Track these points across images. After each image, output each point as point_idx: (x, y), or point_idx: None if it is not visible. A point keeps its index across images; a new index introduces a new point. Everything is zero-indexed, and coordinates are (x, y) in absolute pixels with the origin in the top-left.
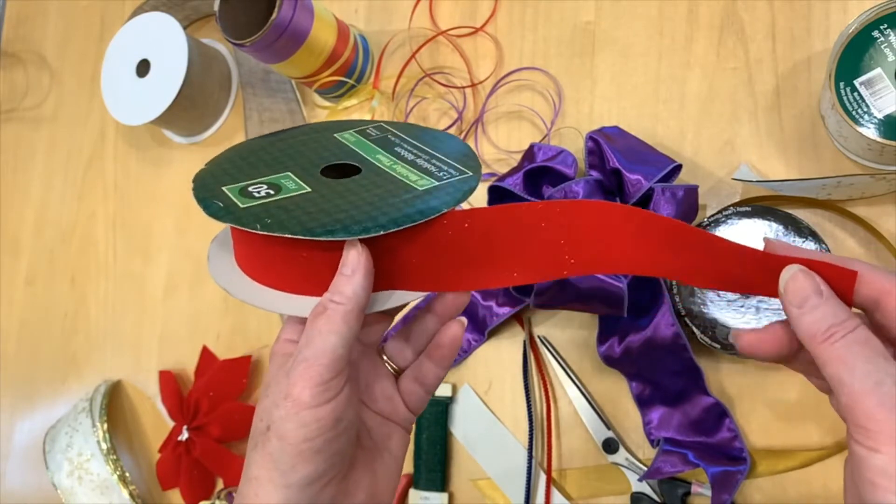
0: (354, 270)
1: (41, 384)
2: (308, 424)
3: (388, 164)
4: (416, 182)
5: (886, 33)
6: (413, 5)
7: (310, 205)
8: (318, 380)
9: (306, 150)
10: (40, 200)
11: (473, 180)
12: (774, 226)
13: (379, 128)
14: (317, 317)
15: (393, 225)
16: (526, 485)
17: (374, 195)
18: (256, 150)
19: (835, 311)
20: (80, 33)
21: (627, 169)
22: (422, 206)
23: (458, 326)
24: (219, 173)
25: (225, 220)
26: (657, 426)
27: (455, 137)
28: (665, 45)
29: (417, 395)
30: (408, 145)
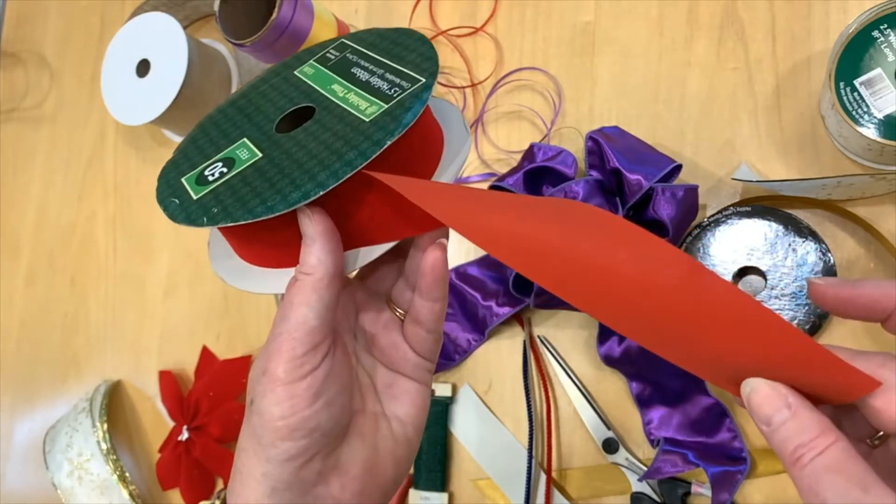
0: (313, 238)
1: (41, 384)
2: (283, 402)
3: (341, 95)
4: (365, 112)
5: (886, 33)
6: (413, 5)
7: (257, 177)
8: (292, 354)
9: (264, 102)
10: (40, 200)
11: (425, 90)
12: (774, 226)
13: (339, 46)
14: (289, 289)
15: (333, 180)
16: (526, 485)
17: (321, 143)
18: (217, 120)
19: (802, 427)
20: (80, 33)
21: (627, 169)
22: (365, 144)
23: (437, 249)
24: (181, 160)
25: (179, 221)
26: (657, 426)
27: (413, 32)
28: (665, 45)
29: (420, 335)
30: (364, 61)
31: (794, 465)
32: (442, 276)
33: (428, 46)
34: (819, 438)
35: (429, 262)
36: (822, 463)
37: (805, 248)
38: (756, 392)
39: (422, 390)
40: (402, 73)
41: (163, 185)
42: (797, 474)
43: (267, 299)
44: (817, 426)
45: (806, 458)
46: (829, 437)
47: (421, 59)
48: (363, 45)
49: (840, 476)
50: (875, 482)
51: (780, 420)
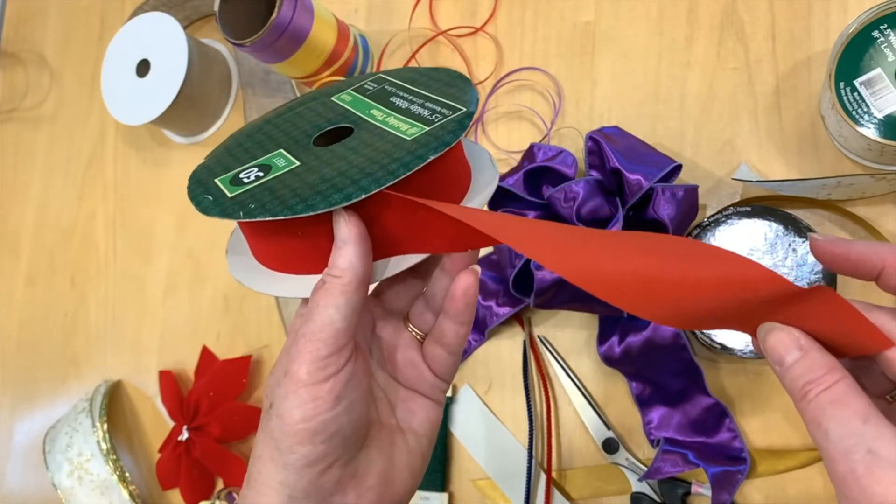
0: (345, 241)
1: (41, 384)
2: (304, 403)
3: (381, 119)
4: (406, 132)
5: (886, 33)
6: (413, 5)
7: (296, 180)
8: (316, 355)
9: (301, 121)
10: (40, 200)
11: (466, 117)
12: (774, 226)
13: (377, 80)
14: (316, 291)
15: (375, 185)
16: (526, 485)
17: (363, 156)
18: (252, 134)
19: (812, 365)
20: (80, 33)
21: (627, 169)
22: (408, 157)
23: (470, 275)
24: (213, 166)
25: (212, 214)
26: (657, 426)
27: (452, 71)
28: (665, 45)
29: (441, 357)
30: (404, 92)
31: (802, 399)
32: (473, 302)
33: (467, 82)
34: (826, 375)
35: (461, 287)
36: (827, 397)
37: (805, 248)
38: (770, 334)
39: (436, 407)
40: (442, 104)
41: (194, 183)
42: (804, 407)
43: (268, 300)
44: (825, 365)
45: (812, 393)
46: (836, 375)
47: (460, 93)
48: (401, 79)
49: (842, 408)
50: (875, 415)
51: (792, 360)
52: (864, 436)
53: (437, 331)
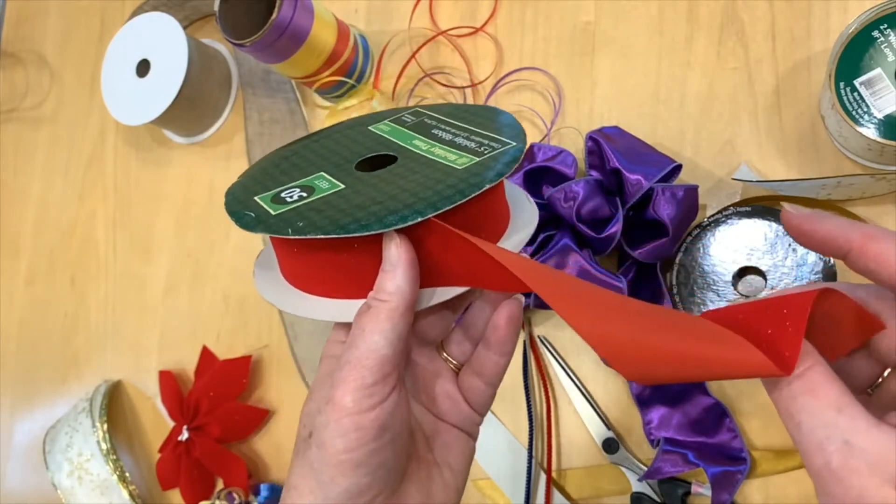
0: (395, 265)
1: (41, 384)
2: (348, 433)
3: (425, 149)
4: (455, 162)
5: (886, 33)
6: (413, 5)
7: (343, 202)
8: (361, 383)
9: (340, 147)
10: (40, 200)
11: (517, 150)
12: (774, 226)
13: (415, 113)
14: (360, 316)
15: (431, 209)
16: (526, 485)
17: (412, 182)
18: (289, 156)
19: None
20: (80, 33)
21: (627, 169)
22: (461, 185)
23: (515, 305)
24: (251, 184)
25: (257, 230)
26: (657, 426)
27: (495, 108)
28: (665, 45)
29: (478, 389)
30: (445, 125)
31: (774, 388)
32: (516, 331)
33: (511, 118)
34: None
35: (504, 317)
36: (799, 387)
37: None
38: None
39: (471, 442)
40: (488, 137)
41: (232, 199)
42: (776, 398)
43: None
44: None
45: (783, 382)
46: (807, 361)
47: (506, 129)
48: (440, 113)
49: (815, 398)
50: (849, 403)
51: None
52: (838, 426)
53: (475, 361)
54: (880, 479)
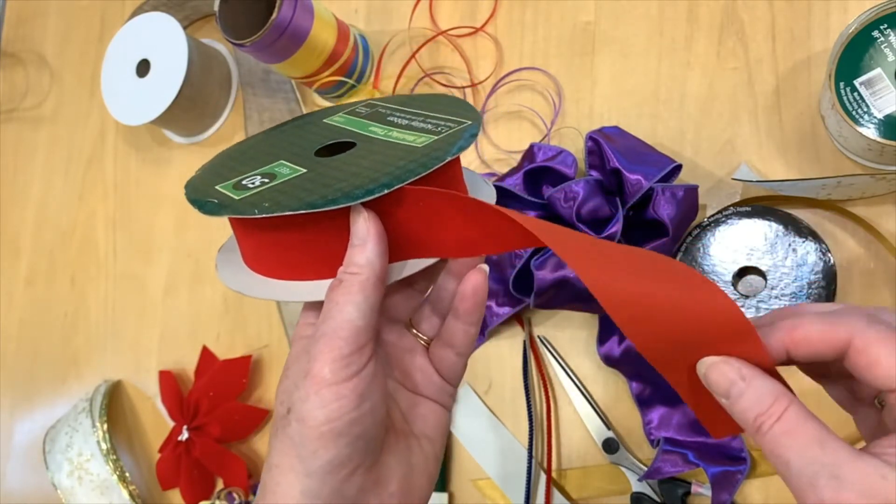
0: (364, 239)
1: (41, 384)
2: (329, 403)
3: (382, 133)
4: (414, 142)
5: (886, 33)
6: (413, 5)
7: (307, 183)
8: (338, 353)
9: (297, 139)
10: (40, 200)
11: (474, 127)
12: (774, 226)
13: (368, 105)
14: (332, 290)
15: (396, 181)
16: (526, 485)
17: (374, 161)
18: (246, 150)
19: (759, 395)
20: (80, 33)
21: (627, 169)
22: (423, 159)
23: (479, 274)
24: (210, 176)
25: (222, 213)
26: (657, 426)
27: (447, 95)
28: (665, 45)
29: (449, 360)
30: (400, 113)
31: (757, 433)
32: (483, 300)
33: (465, 102)
34: (774, 406)
35: (470, 286)
36: (780, 428)
37: (805, 248)
38: (711, 369)
39: (445, 412)
40: (444, 119)
41: (192, 191)
42: (760, 441)
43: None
44: (771, 393)
45: (766, 427)
46: (783, 403)
47: (461, 110)
48: (393, 103)
49: (797, 437)
50: (829, 437)
51: (738, 392)
52: (823, 461)
53: (445, 333)
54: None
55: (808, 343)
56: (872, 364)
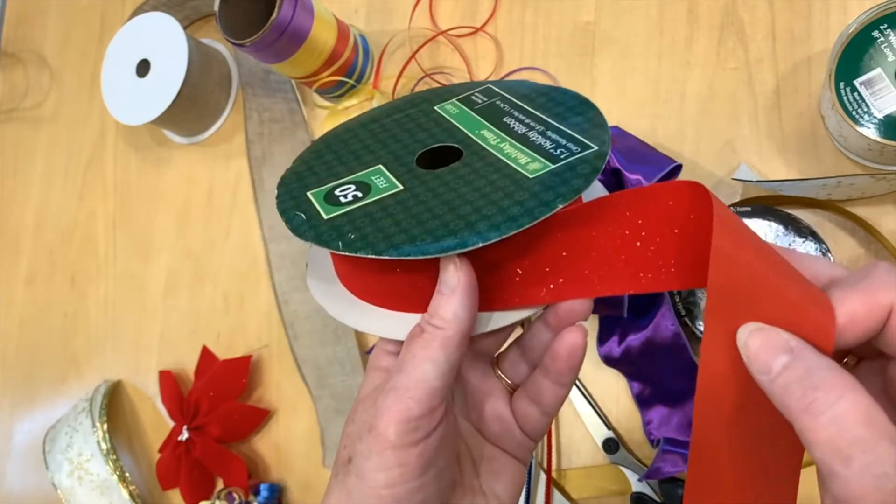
0: (453, 289)
1: (41, 384)
2: (391, 468)
3: (493, 143)
4: (526, 166)
5: (886, 33)
6: (413, 5)
7: (400, 210)
8: (407, 415)
9: (401, 131)
10: (40, 200)
11: (597, 156)
12: (774, 226)
13: (486, 91)
14: (412, 339)
15: (495, 233)
16: (526, 485)
17: (476, 190)
18: (346, 140)
19: (809, 370)
20: (80, 33)
21: (627, 169)
22: (531, 202)
23: (578, 334)
24: (304, 173)
25: (306, 237)
26: (657, 426)
27: (576, 94)
28: (665, 45)
29: (533, 416)
30: (519, 112)
31: (805, 412)
32: (578, 363)
33: (596, 111)
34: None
35: (566, 346)
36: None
37: (805, 248)
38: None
39: (522, 469)
40: (566, 135)
41: (284, 195)
42: (809, 425)
43: (268, 300)
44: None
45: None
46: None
47: (588, 125)
48: (514, 95)
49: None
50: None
51: (782, 365)
52: (894, 461)
53: (532, 387)
54: None
55: (854, 325)
56: None
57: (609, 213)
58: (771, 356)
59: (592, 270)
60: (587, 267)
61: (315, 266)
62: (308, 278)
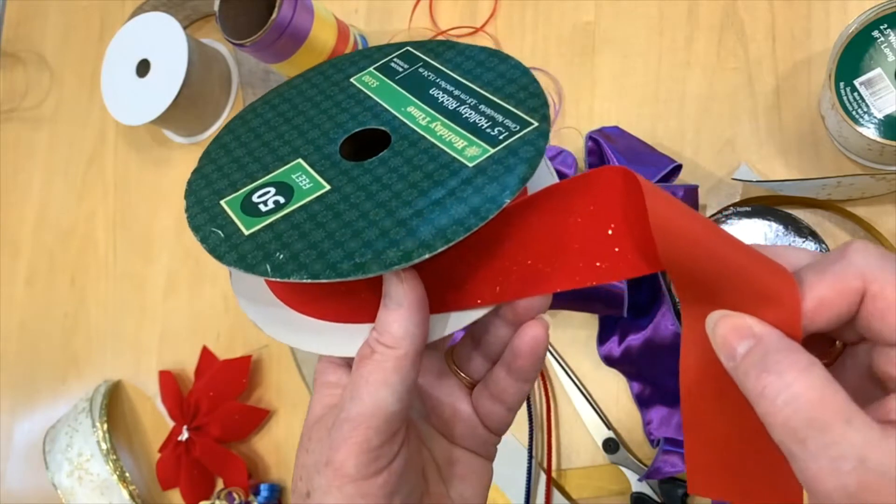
0: (400, 304)
1: (41, 384)
2: (353, 500)
3: (423, 124)
4: (463, 152)
5: (886, 33)
6: (413, 5)
7: (331, 217)
8: (366, 446)
9: (317, 114)
10: (40, 200)
11: (540, 137)
12: (774, 226)
13: (406, 56)
14: (363, 361)
15: (441, 241)
16: (526, 485)
17: (412, 186)
18: (256, 128)
19: (768, 353)
20: (80, 33)
21: None
22: (476, 199)
23: (539, 327)
24: (214, 176)
25: (227, 261)
26: (657, 426)
27: (507, 58)
28: (665, 45)
29: (497, 413)
30: (446, 82)
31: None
32: (541, 357)
33: (530, 78)
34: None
35: (527, 342)
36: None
37: (805, 248)
38: (720, 323)
39: (488, 467)
40: (502, 109)
41: (194, 205)
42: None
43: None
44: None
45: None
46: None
47: (524, 94)
48: (438, 60)
49: (820, 409)
50: (856, 412)
51: (744, 349)
52: (850, 441)
53: (493, 385)
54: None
55: (825, 307)
56: (888, 310)
57: (559, 201)
58: (736, 342)
59: (546, 263)
60: (541, 260)
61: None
62: (234, 288)
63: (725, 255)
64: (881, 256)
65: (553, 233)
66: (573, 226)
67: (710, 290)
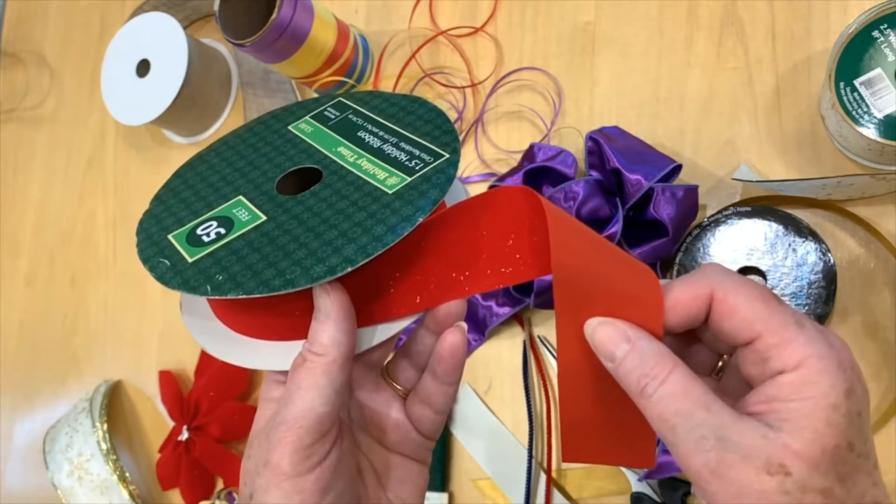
0: (328, 315)
1: (41, 384)
2: (290, 497)
3: (351, 161)
4: (384, 182)
5: (886, 33)
6: (413, 5)
7: (266, 242)
8: (298, 444)
9: (257, 157)
10: (40, 200)
11: (450, 166)
12: (774, 226)
13: (338, 105)
14: (296, 370)
15: (362, 256)
16: (526, 485)
17: (339, 212)
18: (201, 172)
19: (642, 358)
20: (80, 33)
21: (627, 169)
22: (393, 219)
23: (457, 333)
24: (162, 214)
25: (172, 285)
26: None
27: (424, 102)
28: (665, 45)
29: (427, 417)
30: (372, 126)
31: (640, 395)
32: (461, 362)
33: (444, 118)
34: (657, 367)
35: (447, 347)
36: (666, 391)
37: (805, 248)
38: (597, 330)
39: (423, 470)
40: (419, 145)
41: (144, 240)
42: (645, 404)
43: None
44: (656, 354)
45: (650, 388)
46: (668, 365)
47: (438, 132)
48: (366, 107)
49: (684, 399)
50: (714, 400)
51: (622, 354)
52: (710, 424)
53: (422, 391)
54: (755, 469)
55: (679, 306)
56: (731, 312)
57: (466, 217)
58: (613, 346)
59: (460, 272)
60: (454, 269)
61: (189, 301)
62: (183, 315)
63: (606, 260)
64: (729, 272)
65: (464, 244)
66: (481, 238)
67: (589, 292)
